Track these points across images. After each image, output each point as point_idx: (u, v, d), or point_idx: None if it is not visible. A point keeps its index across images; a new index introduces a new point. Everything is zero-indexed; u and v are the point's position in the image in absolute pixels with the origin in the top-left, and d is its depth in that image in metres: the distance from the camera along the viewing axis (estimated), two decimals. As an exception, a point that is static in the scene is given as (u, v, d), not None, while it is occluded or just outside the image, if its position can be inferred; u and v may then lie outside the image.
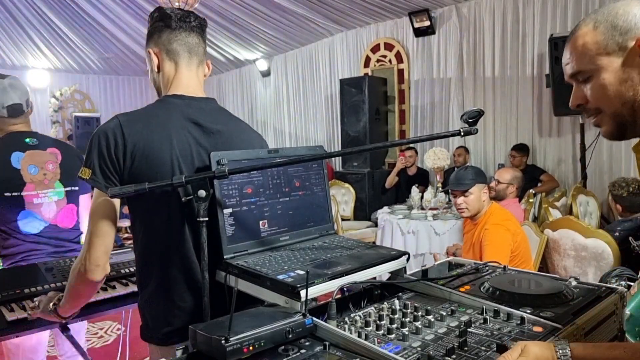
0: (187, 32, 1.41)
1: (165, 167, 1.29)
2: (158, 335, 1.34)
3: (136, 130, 1.28)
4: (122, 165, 1.27)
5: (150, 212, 1.32)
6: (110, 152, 1.26)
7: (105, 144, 1.26)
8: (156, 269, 1.34)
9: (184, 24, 1.40)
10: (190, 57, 1.42)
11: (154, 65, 1.42)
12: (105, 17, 7.30)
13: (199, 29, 1.44)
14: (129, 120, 1.30)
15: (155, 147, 1.28)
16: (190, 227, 1.32)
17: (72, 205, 2.21)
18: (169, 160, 1.30)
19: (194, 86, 1.43)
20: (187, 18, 1.41)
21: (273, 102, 8.97)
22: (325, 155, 1.34)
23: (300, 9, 6.54)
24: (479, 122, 1.15)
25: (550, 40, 4.67)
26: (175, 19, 1.39)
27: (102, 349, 3.70)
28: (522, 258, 2.66)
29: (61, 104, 9.62)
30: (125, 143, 1.26)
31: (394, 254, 1.32)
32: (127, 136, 1.26)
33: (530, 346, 0.85)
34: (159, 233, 1.32)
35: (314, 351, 0.97)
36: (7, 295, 1.65)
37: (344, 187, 6.22)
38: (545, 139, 5.45)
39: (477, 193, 2.76)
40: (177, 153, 1.31)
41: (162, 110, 1.36)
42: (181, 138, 1.33)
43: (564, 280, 1.27)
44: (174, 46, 1.40)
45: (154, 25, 1.41)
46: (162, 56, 1.41)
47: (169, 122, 1.33)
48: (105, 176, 1.26)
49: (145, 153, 1.27)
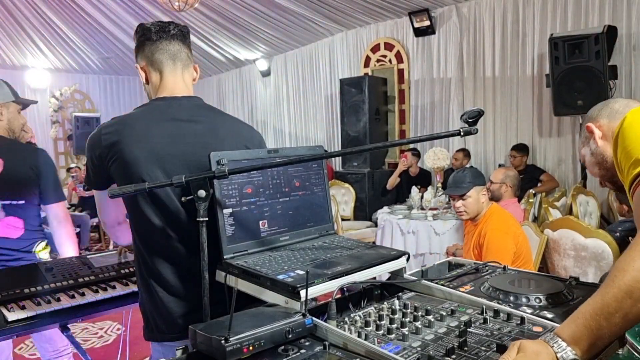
0: (168, 40, 1.47)
1: (136, 167, 1.33)
2: (158, 334, 1.35)
3: (112, 136, 1.36)
4: (105, 168, 1.38)
5: (146, 211, 1.34)
6: (94, 161, 1.39)
7: (90, 153, 1.40)
8: (151, 268, 1.35)
9: (164, 34, 1.46)
10: (173, 64, 1.47)
11: (143, 78, 1.49)
12: (105, 17, 7.30)
13: (180, 36, 1.49)
14: (107, 130, 1.38)
15: (125, 149, 1.34)
16: (188, 225, 1.33)
17: (12, 218, 2.13)
18: (140, 159, 1.33)
19: (179, 89, 1.47)
20: (167, 28, 1.47)
21: (273, 102, 8.97)
22: (325, 155, 1.34)
23: (300, 8, 6.54)
24: (478, 122, 1.15)
25: (550, 40, 4.66)
26: (154, 31, 1.46)
27: (102, 348, 3.70)
28: (524, 258, 2.66)
29: (61, 104, 9.63)
30: (101, 147, 1.36)
31: (394, 254, 1.32)
32: (103, 143, 1.36)
33: (525, 343, 0.86)
34: (152, 232, 1.34)
35: (313, 351, 0.97)
36: (7, 295, 1.65)
37: (344, 187, 6.22)
38: (545, 139, 5.45)
39: (475, 196, 2.76)
40: (150, 151, 1.34)
41: (142, 113, 1.42)
42: (157, 135, 1.37)
43: (564, 280, 1.27)
44: (157, 56, 1.46)
45: (138, 41, 1.48)
46: (148, 69, 1.48)
47: (146, 123, 1.38)
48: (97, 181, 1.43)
49: (119, 156, 1.34)
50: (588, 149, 1.35)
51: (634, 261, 0.87)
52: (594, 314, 0.86)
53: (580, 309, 0.89)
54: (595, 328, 0.86)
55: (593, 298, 0.89)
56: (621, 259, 0.90)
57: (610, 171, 1.27)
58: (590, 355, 0.87)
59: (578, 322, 0.87)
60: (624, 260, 0.89)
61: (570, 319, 0.90)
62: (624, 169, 1.09)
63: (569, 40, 4.54)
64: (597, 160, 1.32)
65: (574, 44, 4.51)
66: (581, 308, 0.89)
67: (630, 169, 1.06)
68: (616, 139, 1.12)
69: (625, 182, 1.09)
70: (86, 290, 1.76)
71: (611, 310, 0.85)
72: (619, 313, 0.85)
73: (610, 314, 0.85)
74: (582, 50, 4.47)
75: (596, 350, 0.87)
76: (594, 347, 0.86)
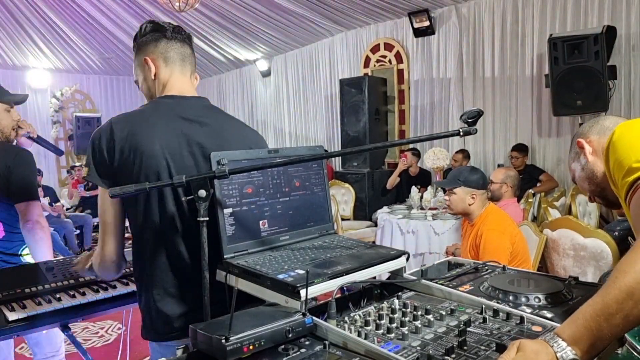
0: (181, 42, 1.49)
1: (153, 159, 1.32)
2: (157, 333, 1.35)
3: (125, 128, 1.34)
4: (112, 161, 1.33)
5: (146, 210, 1.34)
6: (102, 152, 1.33)
7: (97, 144, 1.34)
8: (151, 267, 1.35)
9: (178, 35, 1.48)
10: (184, 65, 1.49)
11: (151, 72, 1.46)
12: (105, 17, 7.30)
13: (188, 41, 1.52)
14: (119, 121, 1.37)
15: (142, 141, 1.32)
16: (188, 225, 1.33)
17: None
18: (158, 152, 1.32)
19: (187, 90, 1.48)
20: (180, 30, 1.50)
21: (273, 102, 8.97)
22: (325, 155, 1.35)
23: (300, 9, 6.54)
24: (478, 122, 1.15)
25: (550, 40, 4.67)
26: (169, 30, 1.47)
27: (103, 348, 3.71)
28: (521, 258, 2.66)
29: (62, 104, 9.63)
30: (114, 139, 1.33)
31: (394, 254, 1.33)
32: (116, 134, 1.33)
33: (525, 342, 0.87)
34: (152, 231, 1.34)
35: (313, 350, 0.97)
36: (7, 295, 1.66)
37: (344, 187, 6.23)
38: (545, 139, 5.46)
39: (461, 195, 2.77)
40: (164, 146, 1.33)
41: (152, 109, 1.42)
42: (169, 131, 1.36)
43: (563, 280, 1.27)
44: (171, 54, 1.46)
45: (149, 35, 1.47)
46: (159, 62, 1.46)
47: (157, 119, 1.37)
48: (100, 174, 1.34)
49: (133, 147, 1.32)
50: (578, 164, 1.38)
51: (636, 263, 0.87)
52: (594, 315, 0.87)
53: (581, 309, 0.90)
54: (595, 329, 0.86)
55: (594, 299, 0.89)
56: (622, 261, 0.90)
57: (600, 186, 1.32)
58: (590, 356, 0.87)
59: (578, 323, 0.88)
60: (625, 262, 0.89)
61: (570, 320, 0.90)
62: (618, 180, 1.11)
63: (568, 40, 4.55)
64: (587, 175, 1.36)
65: (573, 44, 4.52)
66: (582, 308, 0.90)
67: (624, 178, 1.07)
68: (607, 152, 1.14)
69: (620, 192, 1.11)
70: (87, 290, 1.77)
71: (612, 312, 0.86)
72: (620, 314, 0.85)
73: (610, 315, 0.86)
74: (582, 51, 4.48)
75: (596, 351, 0.87)
76: (593, 347, 0.86)
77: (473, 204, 2.76)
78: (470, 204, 2.76)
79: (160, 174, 1.31)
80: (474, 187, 2.76)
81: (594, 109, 4.51)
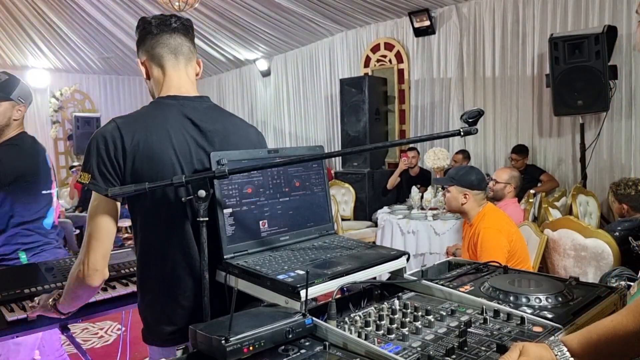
0: (169, 34, 1.42)
1: (166, 166, 1.30)
2: (160, 336, 1.34)
3: (135, 131, 1.29)
4: (122, 168, 1.27)
5: (150, 212, 1.32)
6: (109, 155, 1.26)
7: (104, 147, 1.26)
8: (157, 269, 1.34)
9: (164, 27, 1.42)
10: (175, 58, 1.43)
11: (144, 74, 1.45)
12: (105, 17, 7.30)
13: (182, 29, 1.44)
14: (126, 122, 1.31)
15: (155, 146, 1.29)
16: (191, 226, 1.32)
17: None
18: (169, 159, 1.31)
19: (186, 86, 1.44)
20: (168, 21, 1.43)
21: (273, 102, 8.97)
22: (325, 155, 1.34)
23: (300, 9, 6.54)
24: (478, 121, 1.15)
25: (550, 40, 4.66)
26: (154, 24, 1.42)
27: (102, 349, 3.70)
28: (519, 257, 2.66)
29: (61, 103, 9.62)
30: (124, 145, 1.27)
31: (394, 254, 1.32)
32: (125, 138, 1.27)
33: (528, 346, 0.85)
34: (159, 233, 1.32)
35: (314, 351, 0.97)
36: (7, 295, 1.65)
37: (344, 187, 6.23)
38: (545, 139, 5.45)
39: (455, 193, 2.78)
40: (177, 152, 1.32)
41: (158, 111, 1.37)
42: (180, 137, 1.34)
43: (564, 281, 1.27)
44: (157, 50, 1.42)
45: (139, 35, 1.44)
46: (149, 63, 1.44)
47: (166, 122, 1.34)
48: (105, 179, 1.26)
49: (146, 153, 1.28)
50: None
51: None
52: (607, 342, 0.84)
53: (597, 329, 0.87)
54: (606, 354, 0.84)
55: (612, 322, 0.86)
56: None
57: None
58: None
59: (591, 342, 0.85)
60: None
61: (583, 334, 0.87)
62: None
63: (569, 40, 4.54)
64: None
65: (574, 44, 4.51)
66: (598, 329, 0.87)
67: None
68: None
69: None
70: (86, 290, 1.76)
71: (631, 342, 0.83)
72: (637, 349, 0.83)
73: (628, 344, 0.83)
74: (582, 50, 4.47)
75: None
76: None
77: (465, 204, 2.76)
78: (462, 203, 2.76)
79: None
80: (467, 186, 2.76)
81: (594, 109, 4.51)
